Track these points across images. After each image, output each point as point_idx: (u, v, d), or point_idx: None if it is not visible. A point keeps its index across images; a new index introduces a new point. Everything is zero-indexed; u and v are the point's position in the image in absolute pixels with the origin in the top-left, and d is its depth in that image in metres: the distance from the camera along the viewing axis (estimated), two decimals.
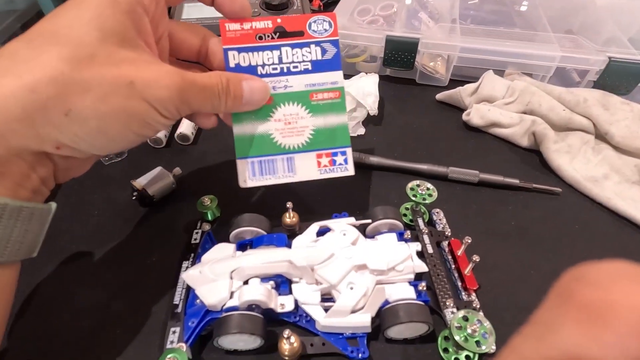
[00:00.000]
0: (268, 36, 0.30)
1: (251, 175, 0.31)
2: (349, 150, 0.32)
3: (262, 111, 0.30)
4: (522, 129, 0.43)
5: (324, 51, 0.31)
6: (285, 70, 0.30)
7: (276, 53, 0.30)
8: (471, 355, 0.26)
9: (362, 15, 0.56)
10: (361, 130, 0.45)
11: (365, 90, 0.44)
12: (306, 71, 0.31)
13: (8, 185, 0.21)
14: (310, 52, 0.30)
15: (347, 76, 0.32)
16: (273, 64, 0.30)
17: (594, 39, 0.50)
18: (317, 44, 0.31)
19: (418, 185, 0.34)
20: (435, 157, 0.42)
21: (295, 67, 0.30)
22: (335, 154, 0.31)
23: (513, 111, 0.45)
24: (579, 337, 0.11)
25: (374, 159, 0.40)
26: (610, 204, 0.37)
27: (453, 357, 0.27)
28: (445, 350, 0.27)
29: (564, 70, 0.51)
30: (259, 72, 0.30)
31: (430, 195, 0.34)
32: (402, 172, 0.40)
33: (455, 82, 0.51)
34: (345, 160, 0.32)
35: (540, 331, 0.13)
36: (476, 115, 0.45)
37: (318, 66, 0.31)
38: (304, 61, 0.30)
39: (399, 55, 0.49)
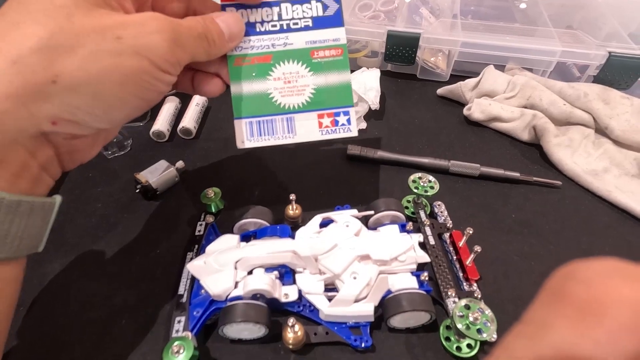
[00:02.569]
0: None
1: (249, 135, 0.30)
2: (352, 110, 0.30)
3: (260, 69, 0.29)
4: (523, 123, 0.44)
5: (325, 7, 0.30)
6: (285, 27, 0.29)
7: (275, 9, 0.29)
8: (472, 343, 0.27)
9: (363, 10, 0.56)
10: (363, 125, 0.45)
11: (367, 85, 0.44)
12: (307, 28, 0.30)
13: (5, 177, 0.20)
14: (310, 9, 0.29)
15: None
16: (272, 20, 0.29)
17: (595, 34, 0.50)
18: None
19: (420, 178, 0.35)
20: (437, 151, 0.42)
21: (296, 23, 0.29)
22: (337, 114, 0.30)
23: (514, 105, 0.45)
24: (571, 335, 0.11)
25: (376, 153, 0.41)
26: (610, 197, 0.38)
27: (455, 346, 0.27)
28: (447, 339, 0.27)
29: (564, 65, 0.52)
30: (258, 30, 0.29)
31: (432, 187, 0.34)
32: (404, 166, 0.41)
33: (456, 77, 0.51)
34: (348, 121, 0.30)
35: (532, 330, 0.13)
36: (477, 109, 0.45)
37: (319, 23, 0.30)
38: (304, 18, 0.29)
39: (400, 50, 0.49)
